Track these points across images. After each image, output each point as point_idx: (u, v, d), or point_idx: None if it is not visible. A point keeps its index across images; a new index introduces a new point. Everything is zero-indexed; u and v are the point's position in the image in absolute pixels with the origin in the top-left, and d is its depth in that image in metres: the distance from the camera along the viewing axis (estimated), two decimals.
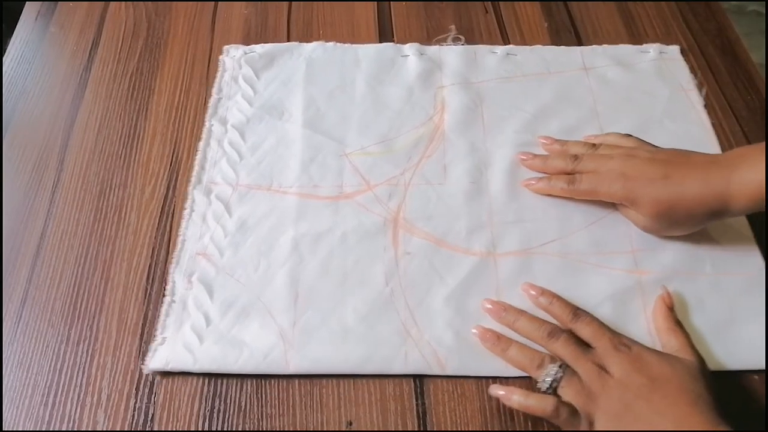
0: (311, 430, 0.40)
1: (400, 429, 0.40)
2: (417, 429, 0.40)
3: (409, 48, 0.59)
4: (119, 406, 0.41)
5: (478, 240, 0.47)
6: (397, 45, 0.60)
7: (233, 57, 0.59)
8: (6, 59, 0.61)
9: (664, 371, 0.38)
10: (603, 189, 0.46)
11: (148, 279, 0.46)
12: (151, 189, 0.51)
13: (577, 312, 0.42)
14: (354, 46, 0.60)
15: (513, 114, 0.55)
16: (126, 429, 0.40)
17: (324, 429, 0.40)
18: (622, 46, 0.60)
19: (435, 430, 0.40)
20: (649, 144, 0.48)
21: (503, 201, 0.49)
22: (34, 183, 0.51)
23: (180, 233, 0.48)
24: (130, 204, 0.50)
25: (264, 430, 0.40)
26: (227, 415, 0.40)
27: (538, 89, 0.57)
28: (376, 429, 0.40)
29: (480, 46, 0.60)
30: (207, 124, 0.54)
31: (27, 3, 0.66)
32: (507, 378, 0.41)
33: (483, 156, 0.52)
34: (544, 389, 0.39)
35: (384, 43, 0.60)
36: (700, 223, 0.45)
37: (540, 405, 0.38)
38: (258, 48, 0.60)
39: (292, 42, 0.60)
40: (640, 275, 0.46)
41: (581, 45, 0.60)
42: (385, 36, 0.62)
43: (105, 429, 0.40)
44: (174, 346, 0.42)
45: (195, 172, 0.51)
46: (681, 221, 0.44)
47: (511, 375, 0.41)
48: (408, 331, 0.43)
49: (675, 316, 0.43)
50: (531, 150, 0.52)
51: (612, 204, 0.48)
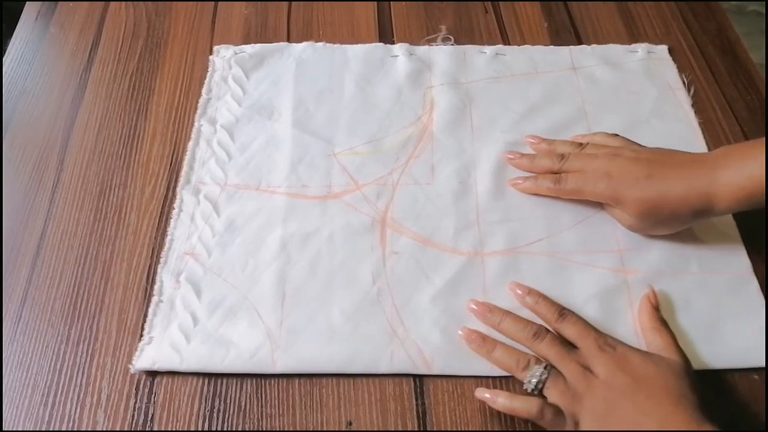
0: (311, 430, 0.40)
1: (400, 429, 0.40)
2: (417, 429, 0.40)
3: (399, 48, 0.59)
4: (119, 406, 0.41)
5: (465, 239, 0.47)
6: (387, 45, 0.60)
7: (223, 57, 0.59)
8: (6, 59, 0.61)
9: (648, 371, 0.38)
10: (588, 188, 0.46)
11: (147, 279, 0.46)
12: (151, 189, 0.51)
13: (563, 312, 0.42)
14: (343, 46, 0.60)
15: (501, 114, 0.55)
16: (126, 429, 0.40)
17: (324, 429, 0.40)
18: (610, 45, 0.60)
19: (435, 430, 0.40)
20: (635, 143, 0.48)
21: (490, 200, 0.49)
22: (34, 183, 0.52)
23: (168, 233, 0.48)
24: (130, 204, 0.50)
25: (264, 430, 0.40)
26: (227, 415, 0.40)
27: (526, 89, 0.57)
28: (376, 429, 0.40)
29: (469, 46, 0.60)
30: (196, 124, 0.54)
31: (27, 3, 0.66)
32: (494, 377, 0.41)
33: (471, 156, 0.52)
34: (529, 390, 0.39)
35: (373, 44, 0.60)
36: (684, 222, 0.45)
37: (525, 407, 0.38)
38: (248, 48, 0.60)
39: (281, 42, 0.60)
40: (626, 274, 0.46)
41: (581, 45, 0.60)
42: (385, 36, 0.62)
43: (105, 429, 0.40)
44: (161, 345, 0.42)
45: (184, 171, 0.51)
46: (665, 220, 0.44)
47: (498, 374, 0.41)
48: (394, 331, 0.43)
49: (660, 315, 0.43)
50: (519, 150, 0.52)
51: (599, 203, 0.48)
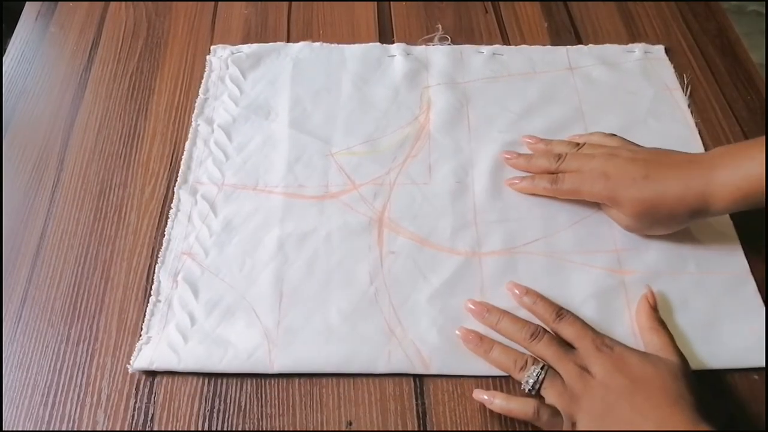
0: (311, 430, 0.40)
1: (400, 429, 0.40)
2: (417, 429, 0.40)
3: (396, 48, 0.59)
4: (119, 406, 0.41)
5: (462, 239, 0.47)
6: (384, 45, 0.60)
7: (220, 57, 0.59)
8: (6, 59, 0.61)
9: (646, 372, 0.38)
10: (585, 189, 0.46)
11: (147, 279, 0.46)
12: (151, 189, 0.51)
13: (561, 312, 0.42)
14: (340, 46, 0.60)
15: (499, 114, 0.55)
16: (126, 429, 0.40)
17: (324, 429, 0.40)
18: (607, 45, 0.60)
19: (435, 430, 0.40)
20: (632, 143, 0.48)
21: (488, 200, 0.49)
22: (34, 183, 0.52)
23: (166, 233, 0.48)
24: (130, 204, 0.50)
25: (264, 430, 0.40)
26: (227, 415, 0.40)
27: (523, 89, 0.57)
28: (376, 429, 0.40)
29: (466, 46, 0.60)
30: (193, 123, 0.54)
31: (27, 3, 0.66)
32: (493, 377, 0.41)
33: (468, 156, 0.52)
34: (527, 391, 0.39)
35: (370, 44, 0.60)
36: (681, 223, 0.45)
37: (521, 408, 0.39)
38: (245, 48, 0.59)
39: (278, 42, 0.60)
40: (623, 275, 0.46)
41: (579, 45, 0.60)
42: (385, 36, 0.62)
43: (105, 429, 0.40)
44: (158, 345, 0.42)
45: (181, 171, 0.51)
46: (662, 220, 0.44)
47: (496, 374, 0.41)
48: (392, 331, 0.43)
49: (658, 315, 0.43)
50: (516, 149, 0.52)
51: (596, 203, 0.48)
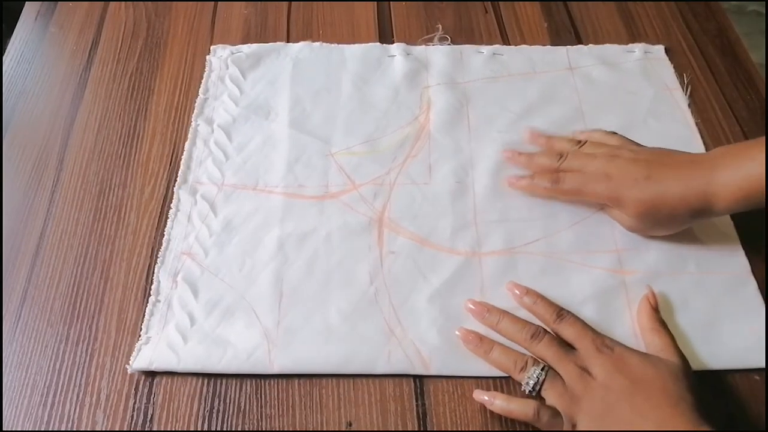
0: (311, 430, 0.40)
1: (400, 430, 0.40)
2: (417, 429, 0.40)
3: (396, 48, 0.59)
4: (118, 406, 0.41)
5: (462, 239, 0.47)
6: (384, 45, 0.60)
7: (220, 57, 0.59)
8: (6, 59, 0.61)
9: (646, 373, 0.38)
10: (587, 189, 0.46)
11: (147, 279, 0.46)
12: (151, 189, 0.51)
13: (561, 312, 0.42)
14: (340, 46, 0.60)
15: (499, 114, 0.55)
16: (125, 429, 0.40)
17: (324, 429, 0.40)
18: (607, 45, 0.60)
19: (435, 430, 0.40)
20: (634, 142, 0.48)
21: (488, 200, 0.49)
22: (33, 182, 0.51)
23: (165, 233, 0.48)
24: (129, 204, 0.50)
25: (263, 430, 0.40)
26: (226, 416, 0.40)
27: (523, 89, 0.56)
28: (376, 430, 0.40)
29: (466, 46, 0.60)
30: (193, 123, 0.54)
31: (27, 3, 0.66)
32: (493, 378, 0.41)
33: (468, 156, 0.52)
34: (527, 392, 0.39)
35: (370, 43, 0.60)
36: (683, 223, 0.45)
37: (521, 409, 0.39)
38: (245, 48, 0.59)
39: (278, 42, 0.60)
40: (624, 275, 0.46)
41: (579, 45, 0.60)
42: (385, 36, 0.61)
43: (104, 429, 0.40)
44: (158, 345, 0.42)
45: (181, 171, 0.51)
46: (664, 221, 0.44)
47: (496, 375, 0.41)
48: (392, 331, 0.43)
49: (659, 316, 0.43)
50: (516, 149, 0.52)
51: (596, 203, 0.48)
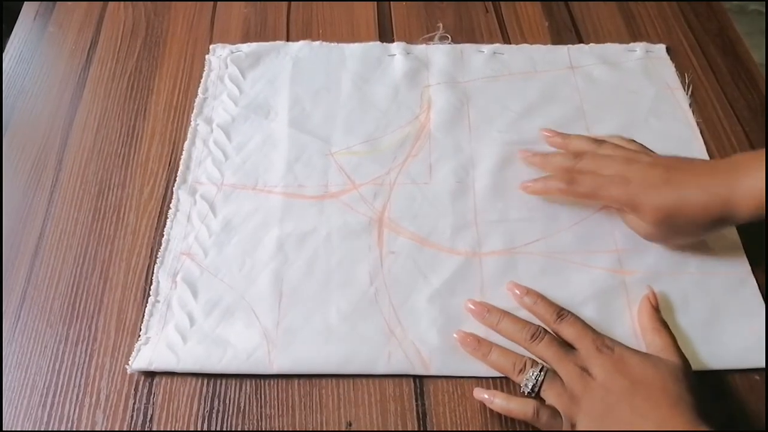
0: (311, 430, 0.40)
1: (400, 430, 0.40)
2: (417, 430, 0.40)
3: (396, 47, 0.59)
4: (118, 406, 0.41)
5: (462, 239, 0.47)
6: (384, 44, 0.60)
7: (219, 56, 0.59)
8: (5, 58, 0.60)
9: (646, 373, 0.37)
10: (603, 192, 0.45)
11: (146, 279, 0.46)
12: (150, 189, 0.51)
13: (561, 312, 0.42)
14: (340, 45, 0.60)
15: (499, 113, 0.55)
16: (125, 429, 0.40)
17: (323, 430, 0.40)
18: (608, 45, 0.60)
19: (435, 430, 0.40)
20: (652, 151, 0.47)
21: (488, 200, 0.49)
22: (32, 182, 0.51)
23: (165, 233, 0.48)
24: (128, 204, 0.50)
25: (263, 430, 0.40)
26: (226, 416, 0.40)
27: (524, 88, 0.56)
28: (375, 430, 0.40)
29: (467, 45, 0.60)
30: (192, 123, 0.54)
31: (25, 2, 0.66)
32: (493, 378, 0.41)
33: (469, 155, 0.52)
34: (526, 393, 0.39)
35: (370, 42, 0.60)
36: (703, 231, 0.43)
37: (520, 409, 0.39)
38: (244, 47, 0.59)
39: (278, 41, 0.60)
40: (624, 275, 0.45)
41: (580, 44, 0.60)
42: (385, 36, 0.61)
43: (104, 429, 0.40)
44: (157, 345, 0.42)
45: (180, 171, 0.51)
46: (683, 228, 0.43)
47: (496, 375, 0.41)
48: (392, 331, 0.43)
49: (660, 316, 0.43)
50: (516, 148, 0.51)
51: (597, 204, 0.48)
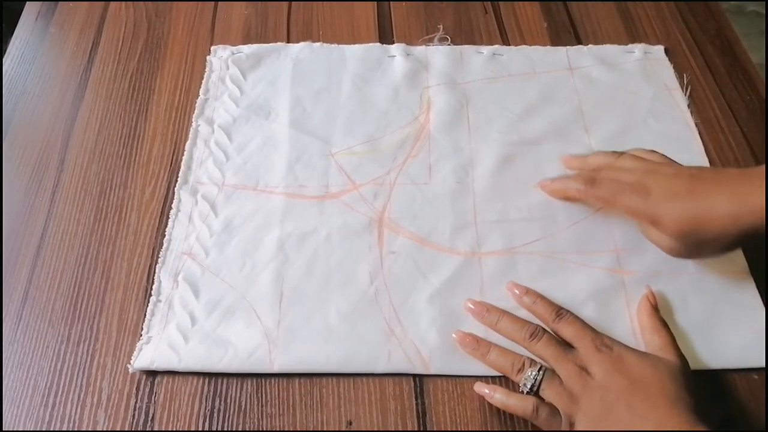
0: (311, 429, 0.40)
1: (400, 429, 0.40)
2: (417, 429, 0.40)
3: (396, 48, 0.59)
4: (119, 406, 0.41)
5: (462, 239, 0.47)
6: (384, 45, 0.60)
7: (220, 57, 0.59)
8: (6, 59, 0.61)
9: (645, 373, 0.38)
10: (622, 200, 0.42)
11: (148, 279, 0.46)
12: (152, 189, 0.51)
13: (560, 312, 0.42)
14: (341, 46, 0.60)
15: (499, 114, 0.55)
16: (126, 429, 0.40)
17: (324, 429, 0.40)
18: (607, 46, 0.60)
19: (435, 429, 0.40)
20: (676, 162, 0.44)
21: (488, 200, 0.49)
22: (34, 183, 0.52)
23: (166, 233, 0.48)
24: (130, 204, 0.50)
25: (264, 429, 0.40)
26: (227, 415, 0.40)
27: (523, 89, 0.57)
28: (376, 429, 0.40)
29: (466, 46, 0.60)
30: (194, 124, 0.54)
31: (27, 3, 0.66)
32: (493, 377, 0.42)
33: (468, 156, 0.52)
34: (525, 393, 0.39)
35: (371, 44, 0.60)
36: (731, 244, 0.39)
37: (520, 405, 0.39)
38: (245, 48, 0.60)
39: (278, 42, 0.60)
40: (623, 275, 0.46)
41: (578, 45, 0.60)
42: (385, 36, 0.62)
43: (105, 429, 0.40)
44: (159, 345, 0.42)
45: (181, 171, 0.51)
46: (709, 241, 0.39)
47: (495, 374, 0.42)
48: (392, 331, 0.43)
49: (659, 315, 0.43)
50: (516, 149, 0.52)
51: (596, 204, 0.47)
